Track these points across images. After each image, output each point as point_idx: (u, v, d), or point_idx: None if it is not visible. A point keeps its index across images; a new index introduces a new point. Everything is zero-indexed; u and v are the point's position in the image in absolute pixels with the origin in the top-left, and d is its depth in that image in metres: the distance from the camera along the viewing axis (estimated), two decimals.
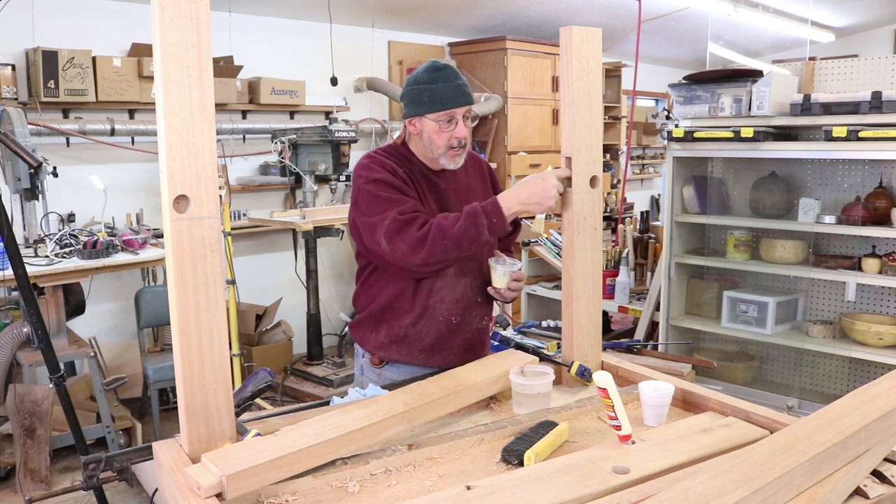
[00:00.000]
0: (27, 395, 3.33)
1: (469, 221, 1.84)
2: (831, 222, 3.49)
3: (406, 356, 2.07)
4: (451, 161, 2.01)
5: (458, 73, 2.00)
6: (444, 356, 2.07)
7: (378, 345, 2.09)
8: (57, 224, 3.98)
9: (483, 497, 1.26)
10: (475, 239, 1.84)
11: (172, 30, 1.28)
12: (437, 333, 2.05)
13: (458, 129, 1.97)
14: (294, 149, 4.76)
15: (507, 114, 5.99)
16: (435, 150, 1.99)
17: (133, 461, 1.52)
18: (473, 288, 2.08)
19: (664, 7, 5.93)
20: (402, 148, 2.08)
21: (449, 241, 1.84)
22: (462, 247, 1.85)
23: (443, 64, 2.00)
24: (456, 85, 1.95)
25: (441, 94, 1.94)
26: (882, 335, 3.40)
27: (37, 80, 4.07)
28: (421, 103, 1.96)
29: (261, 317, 4.93)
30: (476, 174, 2.19)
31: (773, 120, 3.53)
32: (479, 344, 2.14)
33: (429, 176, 2.06)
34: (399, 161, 2.03)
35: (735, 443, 1.48)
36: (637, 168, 8.49)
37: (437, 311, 2.04)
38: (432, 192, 2.06)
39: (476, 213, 1.84)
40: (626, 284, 4.23)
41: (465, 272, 2.05)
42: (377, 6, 5.38)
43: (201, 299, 1.36)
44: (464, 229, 1.83)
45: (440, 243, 1.84)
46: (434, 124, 1.96)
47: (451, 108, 1.95)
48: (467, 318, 2.08)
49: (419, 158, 2.06)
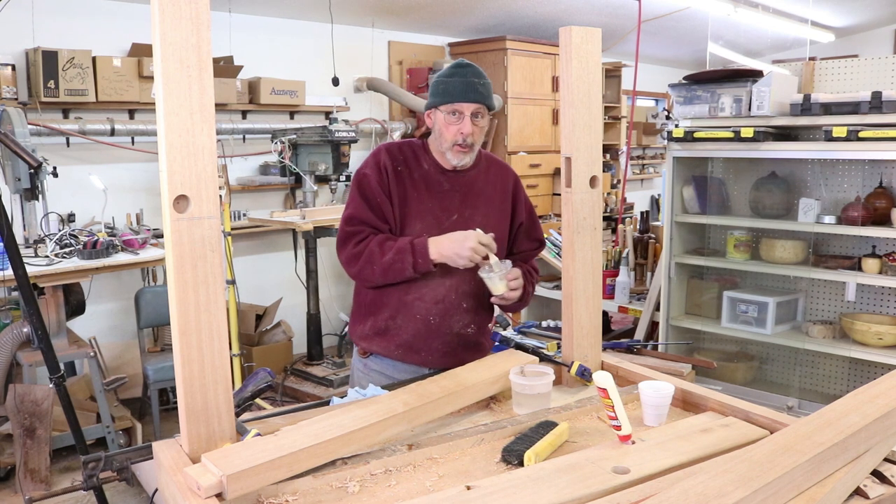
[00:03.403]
0: (27, 395, 3.33)
1: (397, 256, 1.94)
2: (831, 222, 3.48)
3: (385, 349, 2.10)
4: (456, 157, 2.03)
5: (481, 73, 2.02)
6: (421, 356, 2.08)
7: (363, 335, 2.13)
8: (57, 224, 3.98)
9: (483, 497, 1.26)
10: (400, 272, 1.95)
11: (172, 30, 1.28)
12: (415, 331, 2.06)
13: (464, 125, 1.98)
14: (294, 149, 4.76)
15: (507, 114, 5.99)
16: (443, 142, 2.03)
17: (133, 461, 1.52)
18: (459, 292, 2.06)
19: (664, 7, 5.93)
20: (419, 142, 2.12)
21: (377, 268, 1.96)
22: (388, 276, 1.97)
23: (467, 63, 2.04)
24: (468, 81, 1.97)
25: (452, 87, 1.97)
26: (882, 335, 3.40)
27: (37, 80, 4.07)
28: (436, 94, 2.01)
29: (261, 317, 4.93)
30: (498, 183, 2.16)
31: (773, 120, 3.53)
32: (460, 349, 2.10)
33: (435, 174, 2.07)
34: (405, 157, 2.06)
35: (735, 443, 1.48)
36: (637, 168, 8.49)
37: (414, 308, 2.05)
38: (432, 192, 2.06)
39: (404, 251, 1.94)
40: (626, 284, 4.23)
41: (452, 274, 2.02)
42: (377, 6, 5.38)
43: (201, 299, 1.36)
44: (391, 262, 1.94)
45: (369, 267, 1.97)
46: (443, 117, 2.00)
47: (458, 101, 1.97)
48: (447, 321, 2.07)
49: (433, 155, 2.09)
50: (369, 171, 2.04)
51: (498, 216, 2.14)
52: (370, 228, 2.01)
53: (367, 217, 2.01)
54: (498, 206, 2.14)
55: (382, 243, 1.97)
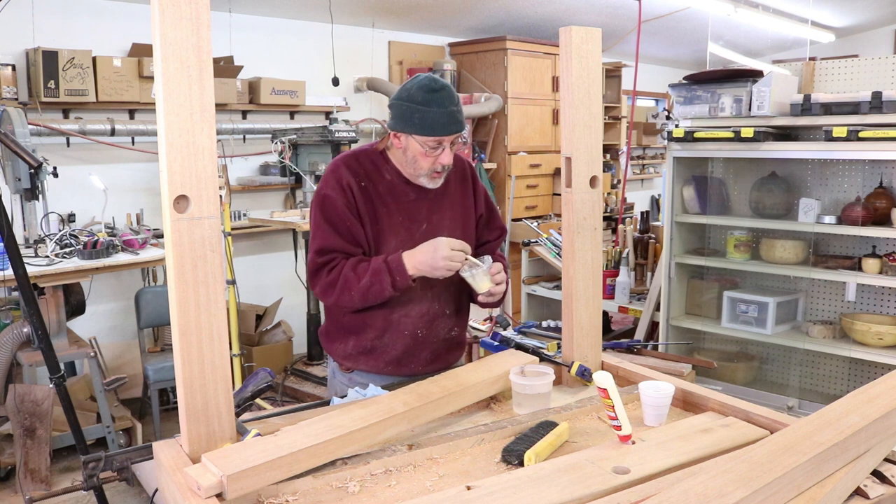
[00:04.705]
0: (27, 395, 3.33)
1: (374, 278, 1.88)
2: (831, 222, 3.48)
3: (374, 367, 2.05)
4: (432, 182, 1.98)
5: (454, 95, 1.90)
6: (411, 367, 2.05)
7: (346, 355, 2.08)
8: (57, 224, 3.98)
9: (483, 497, 1.26)
10: (379, 294, 1.90)
11: (172, 30, 1.28)
12: (404, 347, 2.03)
13: (444, 156, 1.91)
14: (294, 149, 4.75)
15: (507, 114, 5.99)
16: (417, 170, 1.95)
17: (133, 461, 1.52)
18: (441, 300, 2.05)
19: (664, 7, 5.93)
20: (378, 155, 2.01)
21: (355, 293, 1.90)
22: (368, 299, 1.91)
23: (439, 84, 1.88)
24: (449, 112, 1.87)
25: (432, 119, 1.85)
26: (882, 335, 3.40)
27: (37, 80, 4.07)
28: (410, 123, 1.88)
29: (261, 317, 4.93)
30: (457, 178, 2.10)
31: (773, 120, 3.53)
32: (446, 353, 2.10)
33: (400, 186, 2.00)
34: (366, 172, 1.98)
35: (735, 443, 1.48)
36: (637, 168, 8.49)
37: (402, 325, 2.01)
38: (400, 203, 1.99)
39: (380, 271, 1.88)
40: (626, 284, 4.23)
41: (433, 285, 1.99)
42: (377, 6, 5.38)
43: (201, 299, 1.36)
44: (368, 285, 1.89)
45: (346, 294, 1.91)
46: (420, 147, 1.90)
47: (441, 135, 1.88)
48: (434, 331, 2.06)
49: (396, 166, 2.00)
50: (332, 193, 1.94)
51: (464, 215, 2.10)
52: (342, 255, 1.94)
53: (336, 244, 1.93)
54: (461, 203, 2.09)
55: (355, 266, 1.91)
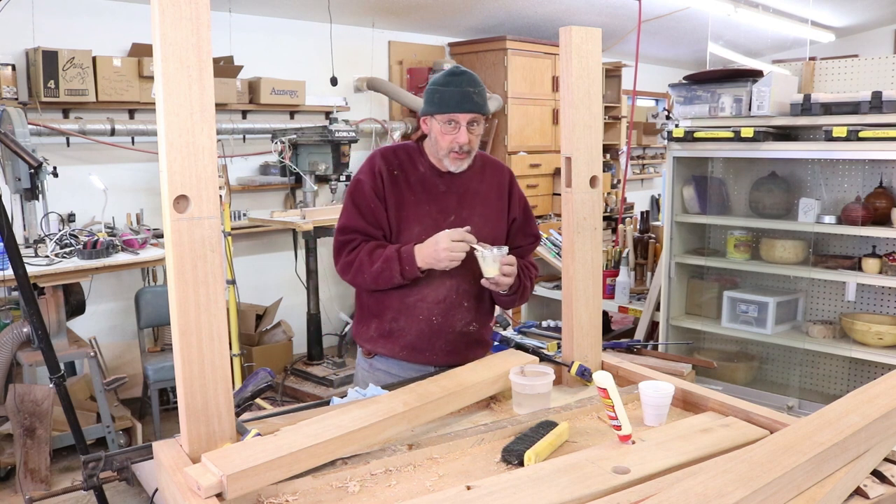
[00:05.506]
0: (27, 395, 3.33)
1: (385, 265, 1.98)
2: (831, 222, 3.48)
3: (391, 351, 2.12)
4: (454, 164, 2.06)
5: (476, 80, 2.03)
6: (426, 356, 2.10)
7: (368, 338, 2.16)
8: (57, 224, 3.98)
9: (483, 497, 1.26)
10: (389, 280, 2.00)
11: (172, 30, 1.28)
12: (418, 332, 2.08)
13: (460, 135, 2.00)
14: (294, 149, 4.76)
15: (507, 114, 5.99)
16: (439, 150, 2.05)
17: (133, 461, 1.52)
18: (459, 291, 2.09)
19: (664, 7, 5.93)
20: (414, 145, 2.14)
21: (367, 276, 2.01)
22: (379, 284, 2.02)
23: (462, 70, 2.04)
24: (464, 91, 1.98)
25: (448, 97, 1.98)
26: (882, 335, 3.40)
27: (37, 80, 4.07)
28: (431, 103, 2.02)
29: (261, 317, 4.93)
30: (493, 182, 2.18)
31: (773, 120, 3.53)
32: (464, 347, 2.13)
33: (431, 177, 2.10)
34: (401, 161, 2.09)
35: (735, 443, 1.48)
36: (637, 168, 8.49)
37: (417, 310, 2.07)
38: (430, 194, 2.09)
39: (391, 259, 1.98)
40: (626, 284, 4.23)
41: (452, 274, 2.04)
42: (377, 6, 5.38)
43: (201, 299, 1.36)
44: (379, 270, 1.99)
45: (360, 275, 2.03)
46: (438, 125, 2.02)
47: (454, 112, 1.99)
48: (450, 321, 2.09)
49: (429, 157, 2.11)
50: (363, 177, 2.07)
51: (495, 216, 2.16)
52: (362, 236, 2.05)
53: (358, 225, 2.05)
54: (494, 205, 2.16)
55: (371, 252, 2.01)
